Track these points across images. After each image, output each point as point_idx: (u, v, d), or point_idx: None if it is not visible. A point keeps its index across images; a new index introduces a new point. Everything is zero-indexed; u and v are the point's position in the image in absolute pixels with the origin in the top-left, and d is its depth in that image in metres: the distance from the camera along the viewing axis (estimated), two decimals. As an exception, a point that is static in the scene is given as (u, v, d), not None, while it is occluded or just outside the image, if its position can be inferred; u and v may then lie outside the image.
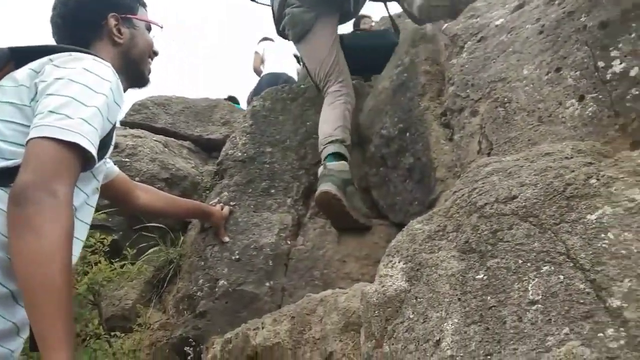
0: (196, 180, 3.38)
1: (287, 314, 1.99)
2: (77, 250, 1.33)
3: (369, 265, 2.79)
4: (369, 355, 1.39)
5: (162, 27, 1.67)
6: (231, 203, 2.95)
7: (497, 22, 2.31)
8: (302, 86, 3.81)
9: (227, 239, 2.77)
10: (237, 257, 2.69)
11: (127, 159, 3.10)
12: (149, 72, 1.65)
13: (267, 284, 2.64)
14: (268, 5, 3.22)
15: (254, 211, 2.93)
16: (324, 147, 2.82)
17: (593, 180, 1.16)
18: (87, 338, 2.26)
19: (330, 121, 2.90)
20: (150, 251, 2.93)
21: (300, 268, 2.76)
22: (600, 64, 1.78)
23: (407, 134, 2.91)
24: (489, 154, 2.06)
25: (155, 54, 1.65)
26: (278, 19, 3.12)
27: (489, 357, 1.05)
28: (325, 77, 3.07)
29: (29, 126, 1.14)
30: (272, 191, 3.07)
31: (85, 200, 1.37)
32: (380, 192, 3.15)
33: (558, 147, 1.42)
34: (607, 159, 1.27)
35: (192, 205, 2.71)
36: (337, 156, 2.77)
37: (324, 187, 2.63)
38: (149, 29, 1.64)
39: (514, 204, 1.25)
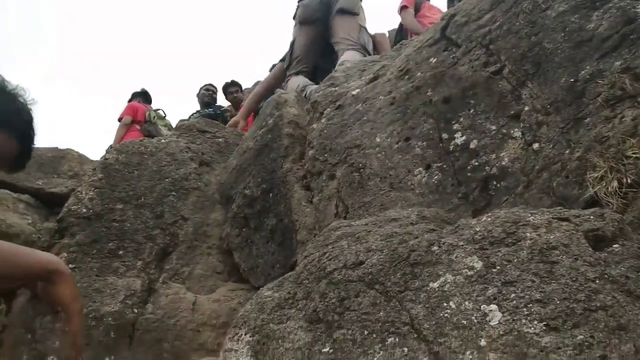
0: (31, 239, 2.96)
1: (122, 397, 1.74)
2: None
3: (225, 335, 2.60)
4: None
5: None
6: (70, 265, 2.61)
7: (354, 92, 2.40)
8: (163, 141, 3.63)
9: (60, 307, 2.41)
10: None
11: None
12: None
13: (107, 359, 2.33)
14: None
15: (96, 275, 2.62)
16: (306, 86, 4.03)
17: (435, 248, 1.17)
18: None
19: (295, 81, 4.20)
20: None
21: (148, 340, 2.48)
22: (444, 135, 1.90)
23: (270, 195, 2.86)
24: (345, 218, 2.06)
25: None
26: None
27: None
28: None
29: None
30: (120, 252, 2.79)
31: None
32: (242, 255, 3.03)
33: (404, 213, 1.44)
34: (449, 226, 1.30)
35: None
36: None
37: None
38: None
39: (361, 270, 1.21)
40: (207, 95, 7.02)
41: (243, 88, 6.96)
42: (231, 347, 1.35)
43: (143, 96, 6.91)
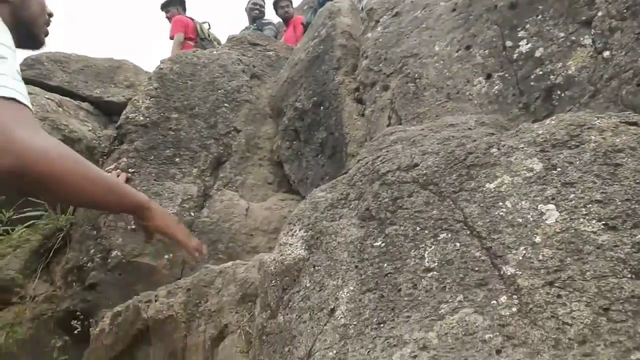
0: (92, 145, 3.12)
1: (182, 286, 1.88)
2: None
3: (276, 240, 2.73)
4: (262, 326, 1.33)
5: None
6: (130, 170, 2.74)
7: (413, -3, 2.30)
8: (215, 52, 3.63)
9: (123, 206, 2.57)
10: (134, 227, 2.50)
11: None
12: (46, 34, 1.45)
13: (166, 256, 2.49)
14: None
15: (155, 180, 2.75)
16: None
17: (494, 150, 1.15)
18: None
19: None
20: (34, 214, 2.66)
21: (204, 241, 2.62)
22: (508, 43, 1.81)
23: (321, 108, 2.86)
24: (398, 128, 2.05)
25: (50, 15, 1.44)
26: None
27: (381, 325, 1.02)
28: None
29: None
30: (177, 160, 2.89)
31: None
32: (292, 167, 3.09)
33: (462, 119, 1.41)
34: (509, 131, 1.27)
35: None
36: None
37: None
38: None
39: (415, 171, 1.22)
40: (254, 10, 6.78)
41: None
42: (286, 242, 1.41)
43: (181, 4, 6.61)
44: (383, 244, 1.15)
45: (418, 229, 1.11)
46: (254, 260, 1.76)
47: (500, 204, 1.05)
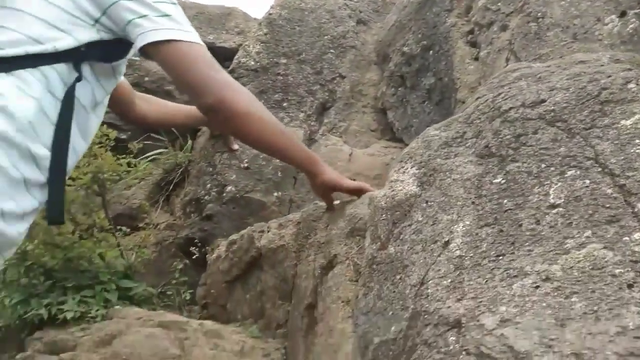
0: (207, 88, 3.30)
1: (292, 220, 1.98)
2: (86, 145, 1.27)
3: (379, 186, 2.75)
4: (372, 256, 1.37)
5: None
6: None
7: None
8: (322, -3, 3.63)
9: (236, 146, 2.70)
10: (246, 165, 2.67)
11: (136, 58, 2.99)
12: None
13: (275, 194, 2.63)
14: None
15: (265, 122, 2.87)
16: None
17: (632, 85, 1.07)
18: (91, 229, 2.27)
19: None
20: (156, 151, 2.91)
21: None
22: (650, -25, 1.64)
23: (430, 52, 2.79)
24: (515, 71, 1.96)
25: None
26: None
27: (500, 257, 1.02)
28: None
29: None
30: (285, 104, 3.00)
31: (104, 99, 1.30)
32: (396, 114, 3.07)
33: (593, 56, 1.32)
34: (649, 68, 1.18)
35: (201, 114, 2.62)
36: None
37: None
38: None
39: (542, 108, 1.17)
40: None
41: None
42: (397, 178, 1.43)
43: None
44: (503, 181, 1.13)
45: (543, 166, 1.08)
46: (362, 198, 1.81)
47: (637, 141, 0.99)
